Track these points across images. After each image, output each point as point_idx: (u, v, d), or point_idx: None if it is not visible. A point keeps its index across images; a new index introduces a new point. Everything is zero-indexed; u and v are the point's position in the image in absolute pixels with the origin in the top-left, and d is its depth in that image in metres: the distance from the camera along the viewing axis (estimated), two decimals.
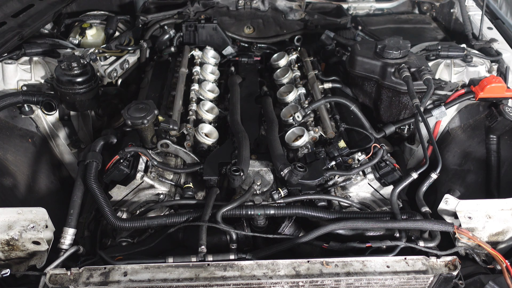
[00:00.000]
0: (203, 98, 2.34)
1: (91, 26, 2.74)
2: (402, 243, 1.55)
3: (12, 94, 2.08)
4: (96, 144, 1.85)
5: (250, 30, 3.12)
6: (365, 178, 1.82)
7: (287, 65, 2.65)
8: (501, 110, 2.04)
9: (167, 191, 1.81)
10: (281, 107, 2.29)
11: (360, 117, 2.06)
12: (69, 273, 1.39)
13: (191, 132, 2.04)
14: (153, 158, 1.83)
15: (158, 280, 1.38)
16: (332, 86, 2.41)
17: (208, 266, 1.42)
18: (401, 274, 1.43)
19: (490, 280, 1.51)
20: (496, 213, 1.63)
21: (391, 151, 2.26)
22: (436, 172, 1.68)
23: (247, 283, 1.40)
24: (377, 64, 2.22)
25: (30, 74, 2.24)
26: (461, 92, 2.16)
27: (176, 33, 2.93)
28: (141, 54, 2.75)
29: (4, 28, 2.22)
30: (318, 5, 3.17)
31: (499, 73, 2.37)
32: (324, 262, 1.44)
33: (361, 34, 2.95)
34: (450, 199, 1.64)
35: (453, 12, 3.04)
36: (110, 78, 2.46)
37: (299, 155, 1.99)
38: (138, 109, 1.78)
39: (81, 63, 2.06)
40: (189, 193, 1.77)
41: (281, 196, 1.70)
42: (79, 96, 2.09)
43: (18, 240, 1.49)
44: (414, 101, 1.98)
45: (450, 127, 2.28)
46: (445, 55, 2.33)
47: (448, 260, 1.47)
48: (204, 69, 2.54)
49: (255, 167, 1.90)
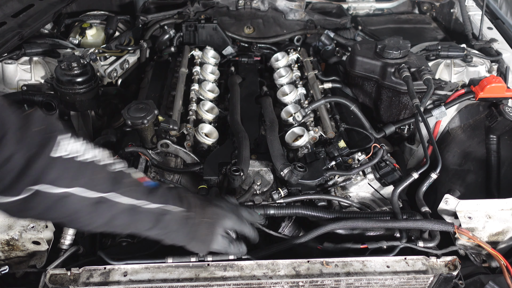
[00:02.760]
0: (203, 98, 2.35)
1: (91, 26, 2.74)
2: (401, 243, 1.55)
3: (12, 94, 2.08)
4: (96, 144, 1.85)
5: (250, 30, 3.12)
6: (365, 178, 1.83)
7: (287, 65, 2.65)
8: (501, 110, 2.04)
9: None
10: (281, 107, 2.29)
11: (360, 117, 2.06)
12: (69, 273, 1.39)
13: (191, 132, 2.04)
14: (153, 158, 1.83)
15: (158, 280, 1.38)
16: (332, 86, 2.41)
17: (208, 266, 1.42)
18: (401, 274, 1.43)
19: (490, 280, 1.51)
20: (496, 213, 1.63)
21: (391, 151, 2.26)
22: (436, 172, 1.68)
23: (247, 283, 1.40)
24: (377, 64, 2.22)
25: (30, 74, 2.24)
26: (461, 92, 2.16)
27: (176, 33, 2.93)
28: (141, 54, 2.75)
29: (4, 28, 2.22)
30: (318, 5, 3.17)
31: (499, 73, 2.37)
32: (324, 262, 1.44)
33: (361, 34, 2.95)
34: (450, 199, 1.64)
35: (453, 12, 3.04)
36: (110, 78, 2.46)
37: (299, 155, 1.99)
38: (138, 109, 1.78)
39: (81, 63, 2.06)
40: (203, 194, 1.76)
41: (281, 196, 1.70)
42: (79, 96, 2.09)
43: (18, 240, 1.49)
44: (414, 101, 1.98)
45: (450, 127, 2.28)
46: (445, 55, 2.33)
47: (448, 260, 1.47)
48: (204, 69, 2.54)
49: (255, 167, 1.90)
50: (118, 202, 1.17)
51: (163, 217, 1.26)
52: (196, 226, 1.33)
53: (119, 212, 1.18)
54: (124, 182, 1.20)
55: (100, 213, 1.15)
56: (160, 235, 1.29)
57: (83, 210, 1.13)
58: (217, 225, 1.37)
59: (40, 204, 1.06)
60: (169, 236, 1.30)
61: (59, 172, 1.06)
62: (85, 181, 1.11)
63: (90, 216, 1.15)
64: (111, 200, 1.16)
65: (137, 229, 1.25)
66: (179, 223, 1.30)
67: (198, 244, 1.36)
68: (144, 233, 1.27)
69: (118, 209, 1.18)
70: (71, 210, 1.11)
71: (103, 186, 1.15)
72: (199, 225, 1.34)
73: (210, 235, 1.36)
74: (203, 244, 1.36)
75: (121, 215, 1.19)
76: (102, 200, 1.14)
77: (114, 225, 1.20)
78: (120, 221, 1.20)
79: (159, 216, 1.25)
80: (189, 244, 1.34)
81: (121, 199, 1.18)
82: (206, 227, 1.35)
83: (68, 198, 1.08)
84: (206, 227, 1.35)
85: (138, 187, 1.24)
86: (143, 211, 1.22)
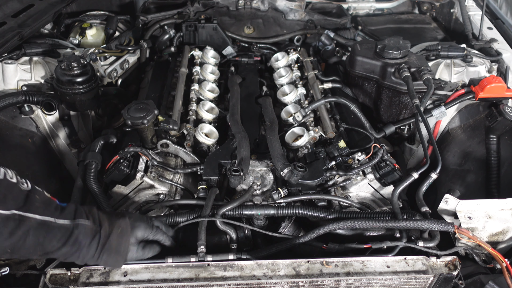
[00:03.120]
0: (203, 98, 2.35)
1: (91, 26, 2.74)
2: (402, 243, 1.55)
3: (12, 94, 2.07)
4: (96, 144, 1.86)
5: (250, 30, 3.12)
6: (365, 178, 1.82)
7: (287, 65, 2.65)
8: (501, 110, 2.04)
9: (167, 191, 1.81)
10: (281, 107, 2.29)
11: (360, 117, 2.06)
12: (69, 273, 1.39)
13: (191, 132, 2.04)
14: (153, 158, 1.83)
15: (158, 280, 1.38)
16: (332, 86, 2.41)
17: (208, 266, 1.42)
18: (401, 274, 1.43)
19: (490, 280, 1.51)
20: (496, 213, 1.63)
21: (391, 151, 2.26)
22: (436, 172, 1.68)
23: (247, 283, 1.40)
24: (377, 64, 2.22)
25: (30, 74, 2.24)
26: (461, 92, 2.16)
27: (176, 33, 2.93)
28: (141, 54, 2.75)
29: (4, 28, 2.22)
30: (318, 5, 3.17)
31: (499, 73, 2.37)
32: (324, 262, 1.44)
33: (361, 34, 2.96)
34: (450, 199, 1.64)
35: (453, 12, 3.04)
36: (110, 78, 2.46)
37: (299, 155, 1.99)
38: (138, 109, 1.78)
39: (81, 63, 2.06)
40: (202, 194, 1.76)
41: (281, 196, 1.70)
42: (79, 96, 2.09)
43: None
44: (414, 101, 1.98)
45: (450, 127, 2.28)
46: (445, 55, 2.33)
47: (448, 260, 1.47)
48: (204, 69, 2.54)
49: (255, 167, 1.90)
50: (30, 217, 1.14)
51: (74, 232, 1.24)
52: (107, 238, 1.31)
53: (30, 228, 1.14)
54: (36, 198, 1.18)
55: (9, 231, 1.10)
56: (71, 252, 1.25)
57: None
58: (127, 235, 1.36)
59: None
60: (82, 252, 1.27)
61: None
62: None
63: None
64: (22, 215, 1.13)
65: (48, 248, 1.21)
66: (91, 237, 1.27)
67: (112, 256, 1.32)
68: (56, 253, 1.23)
69: (30, 225, 1.14)
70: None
71: (12, 203, 1.11)
72: (110, 236, 1.32)
73: (123, 244, 1.35)
74: (118, 255, 1.34)
75: (32, 232, 1.15)
76: (11, 216, 1.10)
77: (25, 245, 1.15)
78: (31, 239, 1.15)
79: (70, 231, 1.23)
80: (102, 258, 1.31)
81: (33, 215, 1.15)
82: (117, 238, 1.33)
83: None
84: (117, 237, 1.33)
85: (50, 204, 1.23)
86: (55, 226, 1.20)
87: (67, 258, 1.27)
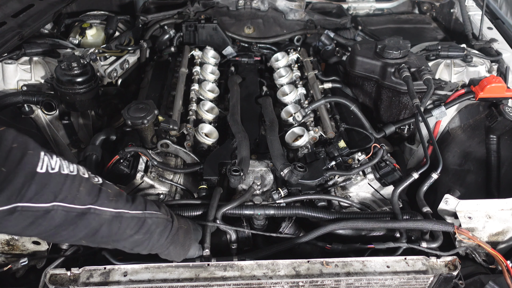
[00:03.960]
0: (203, 98, 2.35)
1: (91, 26, 2.74)
2: (405, 244, 1.55)
3: (12, 94, 2.08)
4: (96, 137, 1.87)
5: (250, 30, 3.12)
6: (365, 178, 1.82)
7: (287, 65, 2.65)
8: (501, 110, 2.04)
9: (167, 191, 1.81)
10: (281, 107, 2.29)
11: (360, 117, 2.06)
12: (69, 273, 1.39)
13: (191, 132, 2.04)
14: (153, 158, 1.83)
15: (158, 280, 1.38)
16: (332, 86, 2.42)
17: (208, 266, 1.42)
18: (401, 274, 1.43)
19: (490, 280, 1.51)
20: (496, 213, 1.63)
21: (391, 151, 2.26)
22: (437, 172, 1.68)
23: (247, 283, 1.40)
24: (377, 64, 2.22)
25: (30, 74, 2.24)
26: (461, 92, 2.16)
27: (176, 33, 2.93)
28: (141, 54, 2.75)
29: (4, 28, 2.22)
30: (318, 5, 3.17)
31: (499, 73, 2.37)
32: (324, 262, 1.44)
33: (361, 34, 2.95)
34: (450, 199, 1.64)
35: (453, 12, 3.04)
36: (110, 78, 2.46)
37: (299, 155, 1.99)
38: (138, 109, 1.78)
39: (81, 63, 2.06)
40: (203, 194, 1.76)
41: (281, 196, 1.70)
42: (79, 96, 2.09)
43: (18, 240, 1.50)
44: (414, 101, 1.98)
45: (450, 127, 2.28)
46: (445, 55, 2.33)
47: (448, 260, 1.47)
48: (204, 69, 2.54)
49: (255, 167, 1.90)
50: (103, 210, 1.19)
51: (147, 221, 1.30)
52: (176, 230, 1.39)
53: (104, 221, 1.19)
54: (108, 192, 1.22)
55: (84, 224, 1.16)
56: (141, 240, 1.30)
57: (66, 224, 1.12)
58: (191, 233, 1.45)
59: (20, 222, 1.05)
60: (152, 240, 1.32)
61: (37, 188, 1.04)
62: (66, 195, 1.10)
63: (73, 228, 1.15)
64: (97, 209, 1.17)
65: (121, 236, 1.26)
66: (162, 226, 1.34)
67: (177, 249, 1.39)
68: (127, 240, 1.28)
69: (103, 218, 1.19)
70: (53, 225, 1.11)
71: (87, 198, 1.15)
72: (179, 230, 1.40)
73: (187, 241, 1.42)
74: (182, 249, 1.41)
75: (106, 224, 1.20)
76: (87, 211, 1.15)
77: (98, 235, 1.21)
78: (104, 230, 1.20)
79: (142, 221, 1.29)
80: (169, 248, 1.37)
81: (106, 208, 1.20)
82: (183, 233, 1.41)
83: (50, 213, 1.08)
84: (184, 233, 1.42)
85: (121, 196, 1.27)
86: (128, 217, 1.25)
87: (134, 248, 1.32)
